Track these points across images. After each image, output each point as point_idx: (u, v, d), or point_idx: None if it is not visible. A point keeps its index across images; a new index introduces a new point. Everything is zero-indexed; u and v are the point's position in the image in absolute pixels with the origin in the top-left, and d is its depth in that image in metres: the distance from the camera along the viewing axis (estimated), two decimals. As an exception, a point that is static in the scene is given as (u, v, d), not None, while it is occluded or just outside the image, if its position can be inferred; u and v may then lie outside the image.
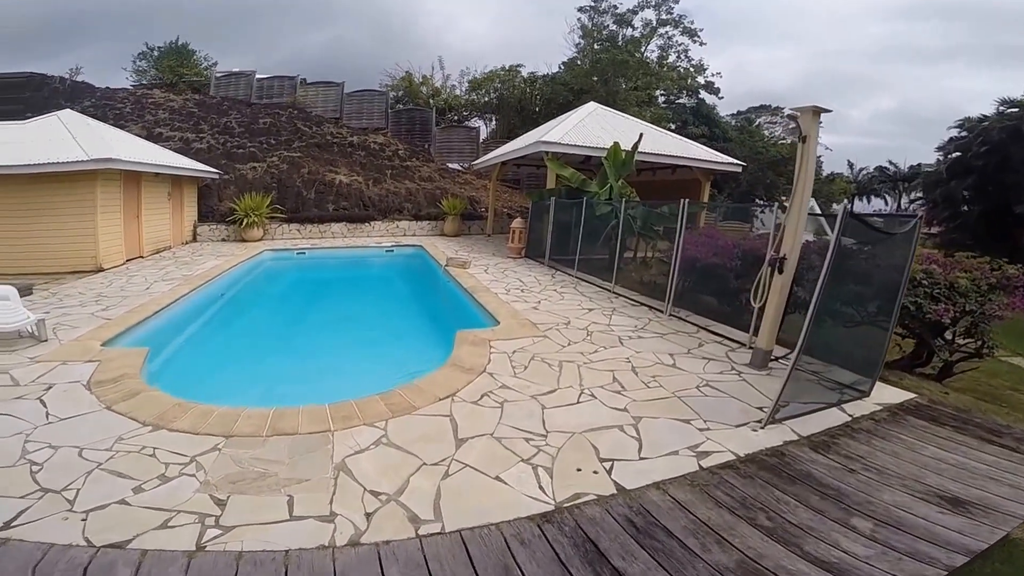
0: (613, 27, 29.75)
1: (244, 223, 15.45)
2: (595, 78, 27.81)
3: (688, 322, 7.05)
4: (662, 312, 7.49)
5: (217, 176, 16.58)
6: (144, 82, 22.98)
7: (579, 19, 30.10)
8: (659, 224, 9.15)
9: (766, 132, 35.81)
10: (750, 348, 5.74)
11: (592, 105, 16.01)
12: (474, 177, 22.55)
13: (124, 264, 11.24)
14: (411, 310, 9.68)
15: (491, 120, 30.50)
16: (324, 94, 22.88)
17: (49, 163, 9.66)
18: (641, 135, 10.94)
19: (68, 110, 12.82)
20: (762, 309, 5.32)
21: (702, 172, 14.75)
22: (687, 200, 6.98)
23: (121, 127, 17.89)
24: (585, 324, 6.84)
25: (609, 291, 8.91)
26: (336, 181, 18.33)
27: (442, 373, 4.98)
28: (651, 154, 12.48)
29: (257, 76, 22.57)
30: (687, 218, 6.98)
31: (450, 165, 22.52)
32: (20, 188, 10.04)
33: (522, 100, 29.00)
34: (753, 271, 5.60)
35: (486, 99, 29.28)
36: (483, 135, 28.17)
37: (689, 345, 6.10)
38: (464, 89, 29.51)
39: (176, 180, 14.34)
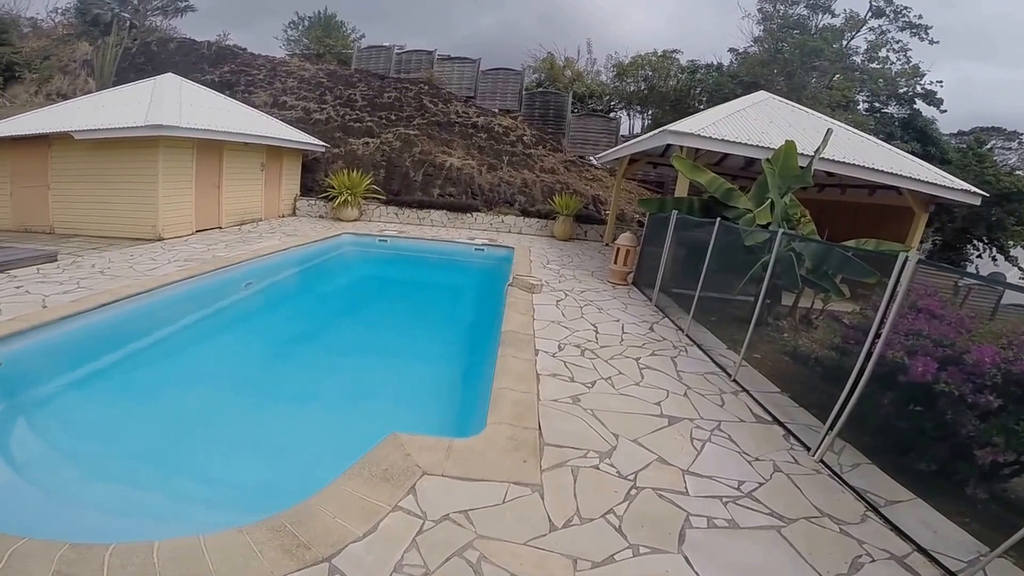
0: (804, 11, 23.94)
1: (337, 202, 14.44)
2: (774, 70, 22.66)
3: (858, 492, 3.40)
4: (807, 450, 3.92)
5: (323, 149, 15.87)
6: (298, 52, 23.71)
7: (759, 3, 24.84)
8: (845, 273, 5.53)
9: (997, 159, 26.68)
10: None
11: (761, 94, 11.97)
12: (606, 174, 19.51)
13: (191, 235, 10.57)
14: (430, 353, 6.51)
15: (637, 111, 26.86)
16: (459, 71, 21.44)
17: (105, 128, 9.09)
18: (830, 131, 7.15)
19: (169, 74, 12.64)
20: None
21: (918, 198, 9.89)
22: (914, 251, 3.53)
23: (249, 93, 18.22)
24: (642, 462, 3.52)
25: (727, 375, 5.34)
26: (447, 164, 16.69)
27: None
28: (842, 163, 8.43)
29: (396, 50, 21.90)
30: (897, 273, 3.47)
31: (592, 159, 19.61)
32: (92, 152, 9.74)
33: (678, 91, 24.95)
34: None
35: (633, 87, 25.70)
36: (625, 127, 24.92)
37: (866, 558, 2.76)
38: (610, 76, 26.27)
39: (275, 151, 13.68)
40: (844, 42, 23.23)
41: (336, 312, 8.23)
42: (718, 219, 6.24)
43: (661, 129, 9.22)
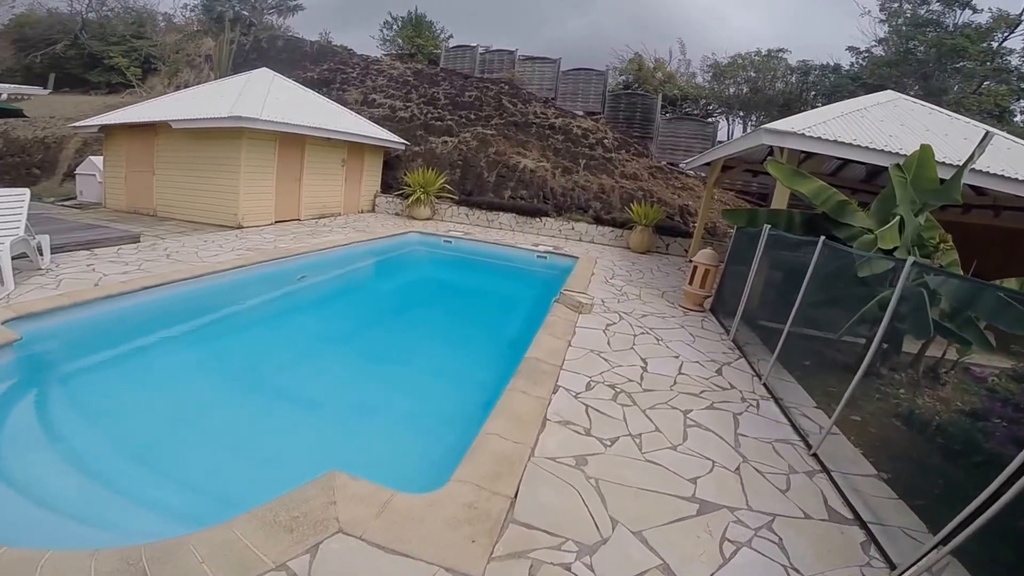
0: (937, 6, 20.68)
1: (411, 199, 14.42)
2: (905, 71, 19.86)
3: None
4: (891, 569, 2.68)
5: (403, 147, 15.96)
6: (394, 51, 24.39)
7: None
8: (1000, 324, 4.24)
9: None
10: None
11: (889, 93, 10.23)
12: (698, 183, 18.04)
13: (270, 225, 10.86)
14: (443, 373, 5.55)
15: (738, 116, 24.81)
16: (540, 71, 20.95)
17: (195, 118, 9.52)
18: (988, 135, 5.65)
19: (263, 68, 13.18)
20: None
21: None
22: None
23: (343, 91, 18.82)
24: (637, 569, 2.49)
25: (806, 445, 3.93)
26: (520, 165, 16.19)
27: None
28: (1002, 178, 6.65)
29: (480, 50, 21.81)
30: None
31: (682, 165, 18.16)
32: (188, 141, 10.28)
33: (786, 93, 22.72)
34: None
35: (733, 90, 23.76)
36: (723, 133, 23.06)
37: None
38: (707, 78, 24.52)
39: (356, 148, 13.88)
40: (994, 43, 19.83)
41: (372, 314, 7.68)
42: (821, 238, 5.08)
43: (757, 128, 8.00)
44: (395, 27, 24.30)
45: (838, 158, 7.66)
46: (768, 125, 7.28)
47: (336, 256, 9.22)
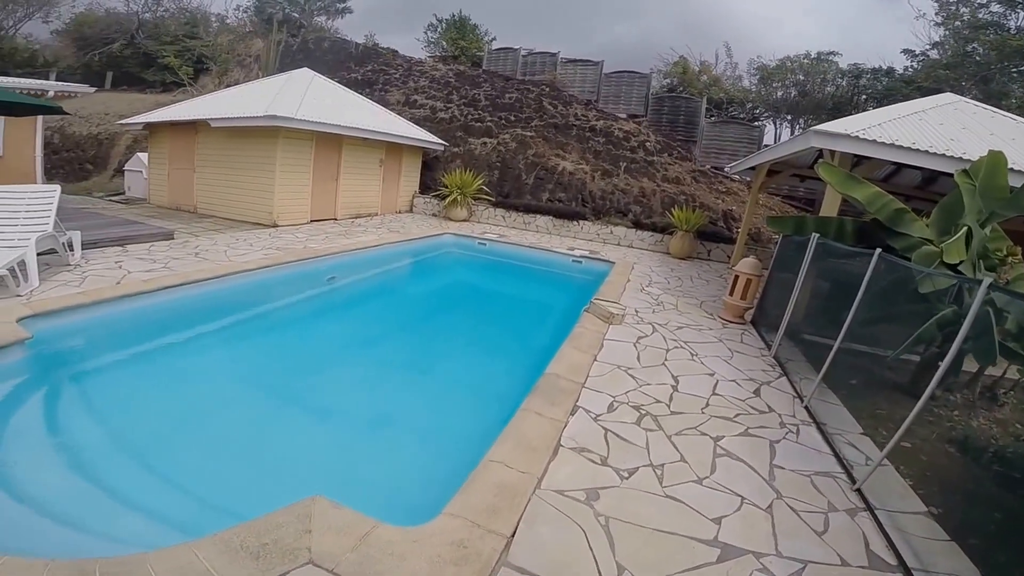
0: (998, 8, 19.19)
1: (448, 200, 14.45)
2: (963, 75, 18.60)
3: None
4: None
5: (442, 148, 16.03)
6: (438, 53, 24.67)
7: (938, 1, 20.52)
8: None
9: None
10: None
11: (948, 96, 9.52)
12: (743, 188, 17.41)
13: (305, 224, 11.05)
14: (460, 385, 5.26)
15: (786, 120, 23.86)
16: (582, 73, 20.76)
17: (232, 117, 9.76)
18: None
19: (304, 68, 13.46)
20: None
21: None
22: None
23: (385, 92, 19.10)
24: None
25: (850, 479, 3.55)
26: (559, 167, 15.99)
27: None
28: None
29: (523, 52, 21.76)
30: None
31: (726, 169, 17.48)
32: (226, 140, 10.57)
33: (836, 97, 21.69)
34: None
35: (781, 93, 22.86)
36: (770, 137, 22.23)
37: None
38: (753, 81, 23.73)
39: (395, 148, 14.01)
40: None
41: (395, 320, 7.42)
42: (877, 251, 4.68)
43: (805, 130, 7.56)
44: (439, 30, 24.56)
45: (893, 163, 7.13)
46: (818, 127, 6.84)
47: (366, 257, 9.20)
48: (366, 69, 20.50)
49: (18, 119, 10.25)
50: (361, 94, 15.95)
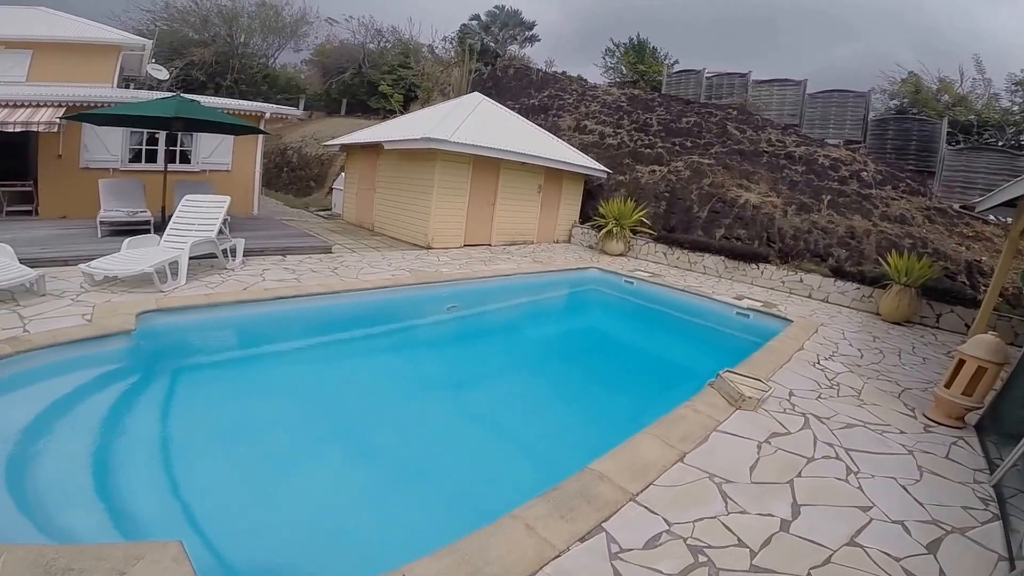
0: None
1: (603, 232, 13.38)
2: None
3: None
4: None
5: (604, 175, 15.07)
6: (617, 78, 24.06)
7: None
8: None
9: None
10: None
11: None
12: (1000, 232, 13.10)
13: (458, 248, 11.03)
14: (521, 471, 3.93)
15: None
16: (779, 95, 18.04)
17: (395, 140, 10.20)
18: None
19: (475, 93, 13.67)
20: None
21: None
22: None
23: (558, 117, 18.92)
24: None
25: None
26: (741, 199, 13.82)
27: None
28: None
29: (707, 74, 19.82)
30: None
31: (977, 207, 13.33)
32: (398, 162, 11.12)
33: None
34: None
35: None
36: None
37: None
38: (1017, 99, 18.25)
39: (555, 174, 13.49)
40: None
41: (496, 363, 6.28)
42: None
43: None
44: (617, 54, 23.87)
45: None
46: None
47: (495, 287, 8.59)
48: (543, 95, 20.67)
49: (244, 138, 12.02)
50: (536, 119, 15.89)
